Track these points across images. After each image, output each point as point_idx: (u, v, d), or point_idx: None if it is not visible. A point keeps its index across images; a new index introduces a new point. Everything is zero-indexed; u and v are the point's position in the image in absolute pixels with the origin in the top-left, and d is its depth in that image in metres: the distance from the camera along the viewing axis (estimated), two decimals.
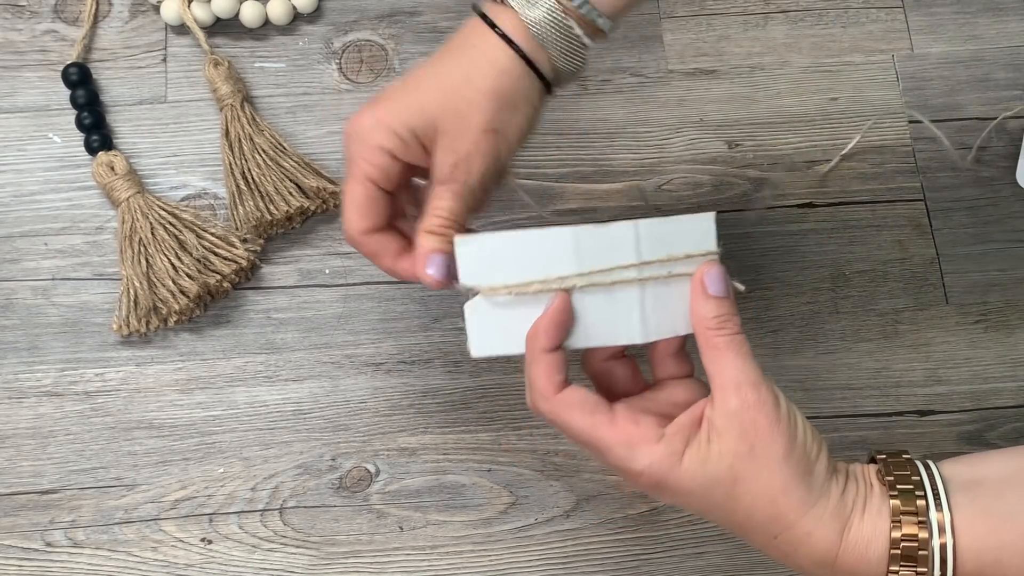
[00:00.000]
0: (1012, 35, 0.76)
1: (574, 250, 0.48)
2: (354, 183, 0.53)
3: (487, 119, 0.52)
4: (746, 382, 0.47)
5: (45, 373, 0.66)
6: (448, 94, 0.52)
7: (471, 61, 0.52)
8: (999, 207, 0.72)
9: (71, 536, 0.63)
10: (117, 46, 0.73)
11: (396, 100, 0.52)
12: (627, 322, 0.49)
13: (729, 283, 0.50)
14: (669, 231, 0.49)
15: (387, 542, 0.64)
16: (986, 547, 0.46)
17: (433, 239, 0.52)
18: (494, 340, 0.50)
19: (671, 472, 0.47)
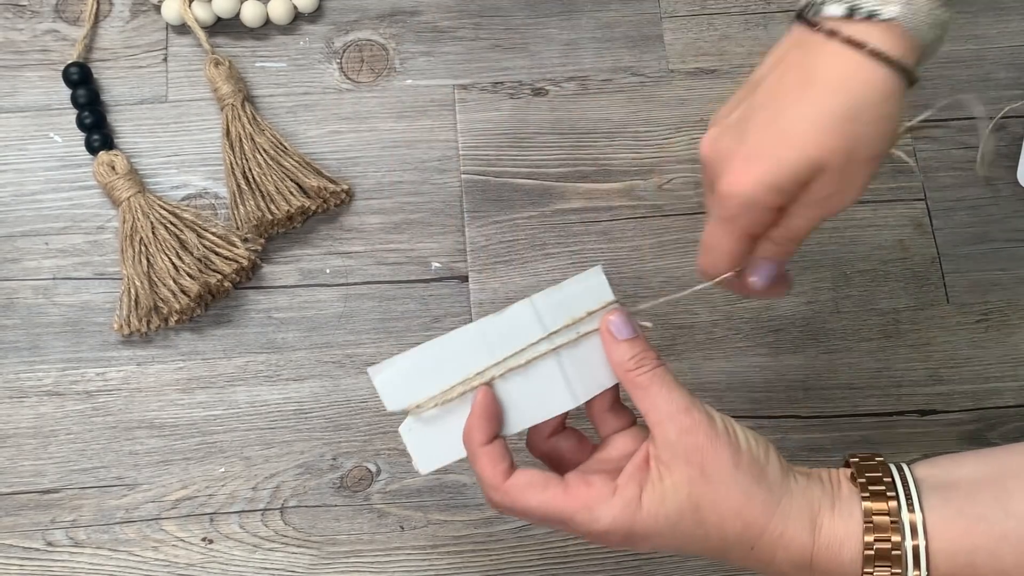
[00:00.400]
0: (1013, 34, 0.76)
1: (483, 343, 0.51)
2: (731, 240, 0.50)
3: (875, 149, 0.48)
4: (677, 410, 0.48)
5: (46, 373, 0.66)
6: (835, 136, 0.47)
7: (853, 93, 0.47)
8: (1000, 207, 0.72)
9: (72, 536, 0.63)
10: (118, 46, 0.73)
11: (776, 155, 0.48)
12: (555, 393, 0.51)
13: (634, 324, 0.51)
14: (564, 296, 0.51)
15: (388, 541, 0.64)
16: (960, 549, 0.46)
17: (772, 249, 0.51)
18: (436, 453, 0.51)
19: (635, 520, 0.47)
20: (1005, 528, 0.45)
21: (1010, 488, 0.46)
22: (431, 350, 0.51)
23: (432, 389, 0.51)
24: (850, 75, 0.47)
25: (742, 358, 0.68)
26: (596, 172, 0.72)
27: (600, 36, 0.75)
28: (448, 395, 0.50)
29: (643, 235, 0.70)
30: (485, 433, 0.49)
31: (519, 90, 0.74)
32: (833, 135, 0.47)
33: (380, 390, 0.51)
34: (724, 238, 0.50)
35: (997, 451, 0.49)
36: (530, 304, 0.51)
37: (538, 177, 0.72)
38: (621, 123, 0.73)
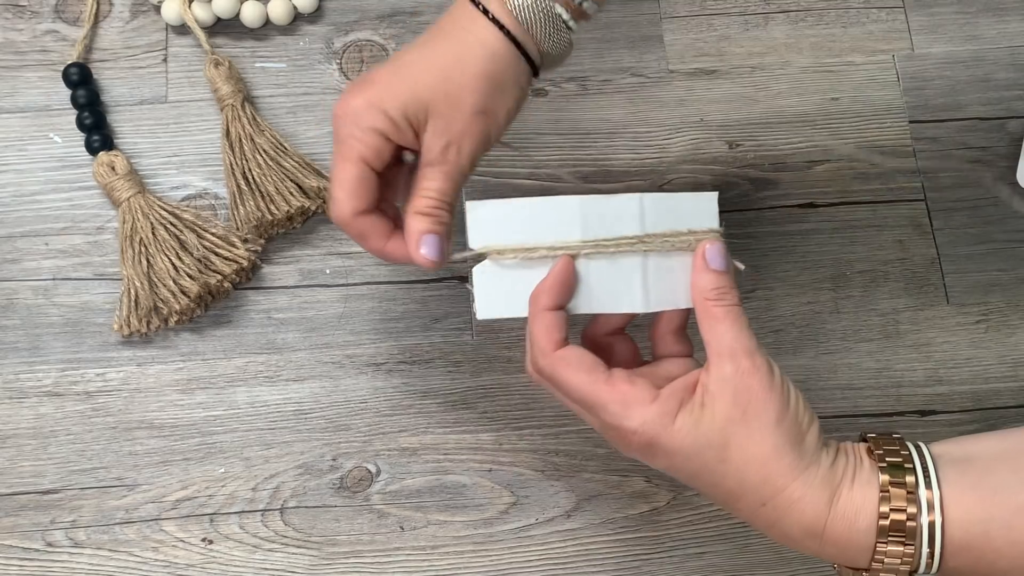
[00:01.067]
0: (1013, 35, 0.76)
1: (581, 218, 0.50)
2: (345, 163, 0.53)
3: (479, 102, 0.52)
4: (741, 350, 0.48)
5: (46, 373, 0.66)
6: (440, 78, 0.52)
7: (462, 44, 0.53)
8: (1000, 207, 0.72)
9: (72, 536, 0.63)
10: (118, 46, 0.73)
11: (388, 83, 0.53)
12: (629, 291, 0.51)
13: (729, 259, 0.51)
14: (673, 206, 0.51)
15: (388, 542, 0.64)
16: (974, 519, 0.46)
17: (424, 220, 0.53)
18: (500, 302, 0.51)
19: (663, 432, 0.48)
20: (1020, 500, 0.46)
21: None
22: (531, 206, 0.51)
23: (519, 241, 0.50)
24: (467, 28, 0.53)
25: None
26: (596, 172, 0.72)
27: (600, 36, 0.75)
28: (532, 252, 0.50)
29: None
30: (554, 299, 0.50)
31: None
32: (439, 76, 0.52)
33: (470, 225, 0.51)
34: (341, 164, 0.53)
35: (1014, 430, 0.49)
36: (639, 200, 0.51)
37: (538, 177, 0.72)
38: (621, 124, 0.73)
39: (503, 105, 0.54)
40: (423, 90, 0.52)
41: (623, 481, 0.65)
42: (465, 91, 0.52)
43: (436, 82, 0.52)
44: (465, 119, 0.52)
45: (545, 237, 0.50)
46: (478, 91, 0.52)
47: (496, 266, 0.51)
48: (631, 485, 0.65)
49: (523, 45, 0.53)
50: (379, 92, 0.52)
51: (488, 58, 0.53)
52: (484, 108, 0.53)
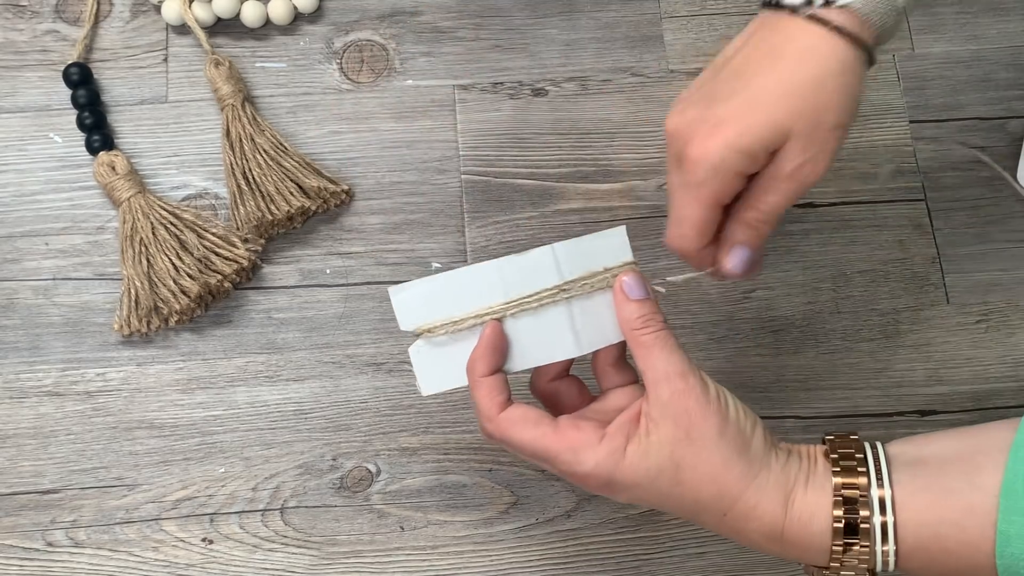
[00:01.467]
0: (1013, 35, 0.76)
1: (500, 281, 0.52)
2: (701, 208, 0.51)
3: (839, 118, 0.50)
4: (674, 372, 0.49)
5: (46, 373, 0.66)
6: (799, 102, 0.50)
7: (816, 64, 0.50)
8: (1000, 207, 0.72)
9: (72, 536, 0.63)
10: (118, 46, 0.73)
11: (745, 122, 0.50)
12: (561, 339, 0.53)
13: (648, 286, 0.52)
14: (585, 249, 0.53)
15: (388, 542, 0.64)
16: (926, 521, 0.47)
17: (747, 232, 0.52)
18: (440, 377, 0.53)
19: (616, 468, 0.49)
20: (971, 500, 0.46)
21: (979, 463, 0.47)
22: (450, 280, 0.52)
23: (446, 316, 0.52)
24: (814, 46, 0.50)
25: (742, 358, 0.68)
26: (596, 172, 0.72)
27: (600, 36, 0.75)
28: (459, 324, 0.52)
29: (643, 235, 0.70)
30: (488, 365, 0.51)
31: (519, 90, 0.74)
32: (799, 101, 0.50)
33: (397, 309, 0.52)
34: (693, 206, 0.52)
35: (970, 429, 0.50)
36: (551, 251, 0.52)
37: (538, 177, 0.72)
38: (621, 123, 0.73)
39: (855, 112, 0.51)
40: (784, 118, 0.50)
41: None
42: (828, 110, 0.50)
43: (797, 107, 0.50)
44: (823, 136, 0.50)
45: (470, 306, 0.52)
46: (839, 108, 0.50)
47: (429, 344, 0.52)
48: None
49: (867, 45, 0.51)
50: (738, 132, 0.50)
51: (843, 71, 0.50)
52: (843, 122, 0.51)
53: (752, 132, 0.50)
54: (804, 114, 0.50)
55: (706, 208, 0.51)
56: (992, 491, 0.46)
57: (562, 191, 0.71)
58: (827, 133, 0.50)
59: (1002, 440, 0.47)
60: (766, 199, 0.51)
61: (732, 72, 0.52)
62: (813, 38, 0.50)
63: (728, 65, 0.52)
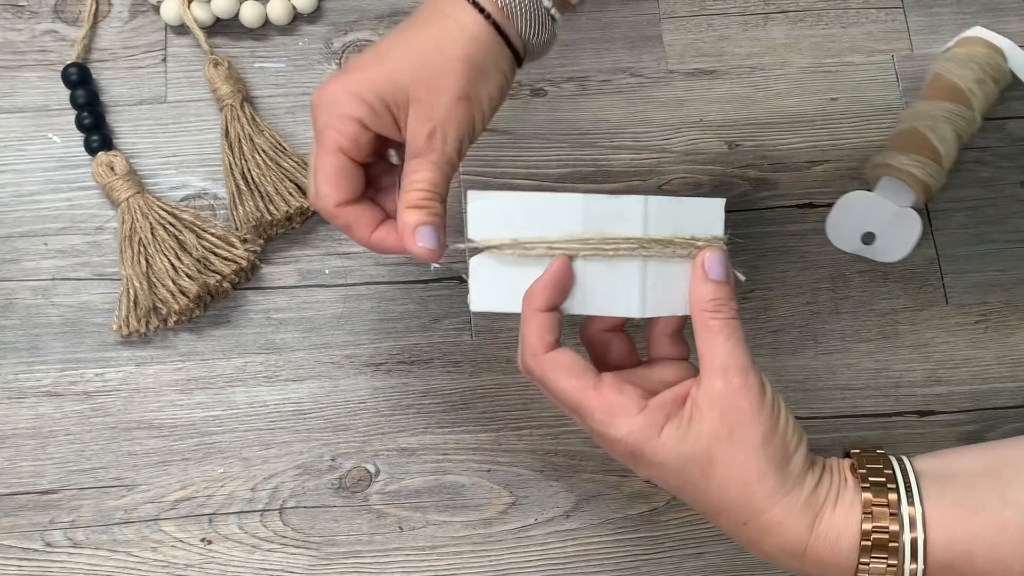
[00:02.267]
0: (1012, 35, 0.76)
1: (583, 216, 0.49)
2: (324, 154, 0.52)
3: (460, 86, 0.51)
4: (734, 366, 0.47)
5: (45, 373, 0.66)
6: (419, 62, 0.51)
7: (441, 29, 0.52)
8: (999, 207, 0.72)
9: (71, 536, 0.63)
10: (117, 46, 0.73)
11: (365, 69, 0.52)
12: (626, 295, 0.50)
13: (730, 269, 0.50)
14: (678, 211, 0.50)
15: (387, 542, 0.64)
16: (957, 539, 0.46)
17: (417, 213, 0.52)
18: (494, 296, 0.51)
19: (648, 443, 0.47)
20: (1003, 517, 0.45)
21: (1008, 478, 0.46)
22: (533, 200, 0.50)
23: (518, 236, 0.50)
24: (447, 13, 0.52)
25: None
26: (595, 173, 0.72)
27: (599, 37, 0.75)
28: (529, 249, 0.50)
29: None
30: (547, 300, 0.49)
31: (518, 91, 0.74)
32: (418, 61, 0.51)
33: (471, 215, 0.50)
34: (320, 154, 0.52)
35: (997, 443, 0.49)
36: (643, 202, 0.49)
37: (537, 178, 0.72)
38: (620, 124, 0.73)
39: (485, 90, 0.52)
40: (401, 74, 0.51)
41: (622, 481, 0.65)
42: (445, 75, 0.51)
43: (415, 66, 0.51)
44: (447, 104, 0.51)
45: (545, 233, 0.49)
46: (458, 74, 0.51)
47: (493, 260, 0.50)
48: (630, 485, 0.65)
49: (504, 31, 0.52)
50: (356, 78, 0.51)
51: (468, 41, 0.51)
52: (466, 93, 0.51)
53: (370, 81, 0.51)
54: (424, 77, 0.51)
55: (330, 154, 0.52)
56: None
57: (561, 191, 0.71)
58: (451, 102, 0.51)
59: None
60: (416, 176, 0.52)
61: (383, 37, 0.54)
62: (449, 6, 0.52)
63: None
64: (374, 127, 0.52)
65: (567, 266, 0.49)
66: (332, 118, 0.51)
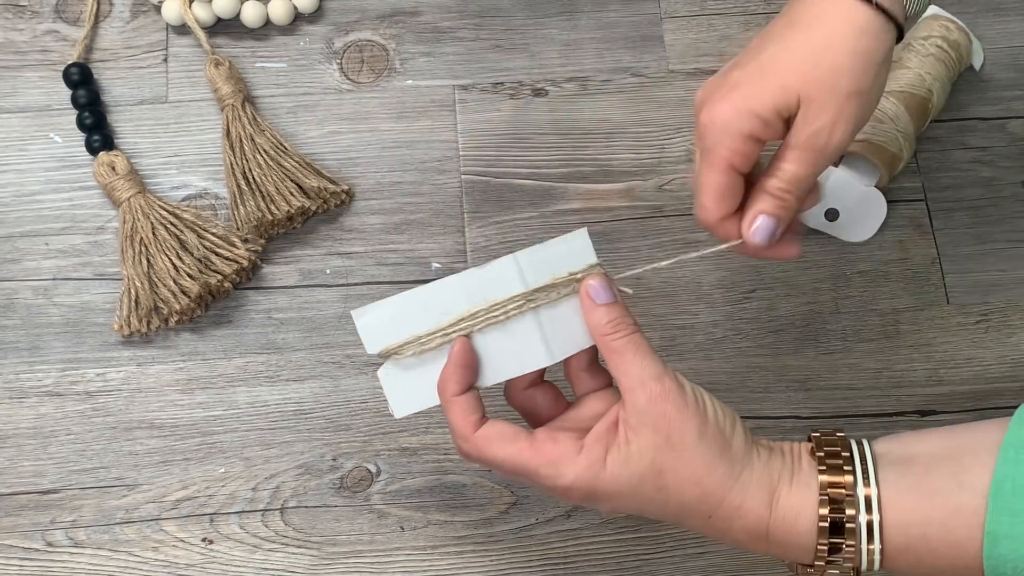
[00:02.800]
0: (1013, 35, 0.76)
1: (464, 294, 0.51)
2: (714, 173, 0.51)
3: (854, 83, 0.50)
4: (649, 376, 0.48)
5: (46, 373, 0.66)
6: (810, 63, 0.50)
7: (826, 27, 0.50)
8: (1000, 207, 0.72)
9: (72, 536, 0.63)
10: (118, 46, 0.73)
11: (755, 83, 0.50)
12: (532, 349, 0.52)
13: (614, 290, 0.51)
14: (548, 255, 0.51)
15: (388, 542, 0.64)
16: (912, 521, 0.47)
17: (769, 201, 0.51)
18: (412, 398, 0.52)
19: (597, 480, 0.48)
20: (959, 501, 0.46)
21: (966, 464, 0.47)
22: (413, 298, 0.51)
23: (412, 336, 0.51)
24: (827, 11, 0.50)
25: (742, 359, 0.68)
26: (596, 173, 0.72)
27: (600, 37, 0.75)
28: (426, 343, 0.51)
29: (643, 236, 0.70)
30: (459, 384, 0.50)
31: (519, 91, 0.74)
32: (810, 64, 0.49)
33: (362, 332, 0.51)
34: (708, 173, 0.51)
35: (957, 428, 0.50)
36: (513, 260, 0.51)
37: (538, 178, 0.72)
38: (621, 124, 0.73)
39: (877, 81, 0.51)
40: (794, 81, 0.50)
41: None
42: (839, 73, 0.49)
43: (807, 69, 0.49)
44: (839, 102, 0.50)
45: (436, 323, 0.51)
46: (853, 71, 0.49)
47: (397, 367, 0.52)
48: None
49: (890, 11, 0.50)
50: (747, 95, 0.50)
51: (858, 34, 0.49)
52: (859, 88, 0.50)
53: (761, 95, 0.50)
54: (815, 78, 0.49)
55: (720, 173, 0.51)
56: (980, 492, 0.46)
57: (562, 191, 0.71)
58: (843, 99, 0.49)
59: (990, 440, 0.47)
60: (785, 167, 0.51)
61: (755, 43, 0.52)
62: (827, 4, 0.50)
63: (753, 40, 0.53)
64: (766, 137, 0.51)
65: (467, 345, 0.51)
66: (724, 137, 0.50)
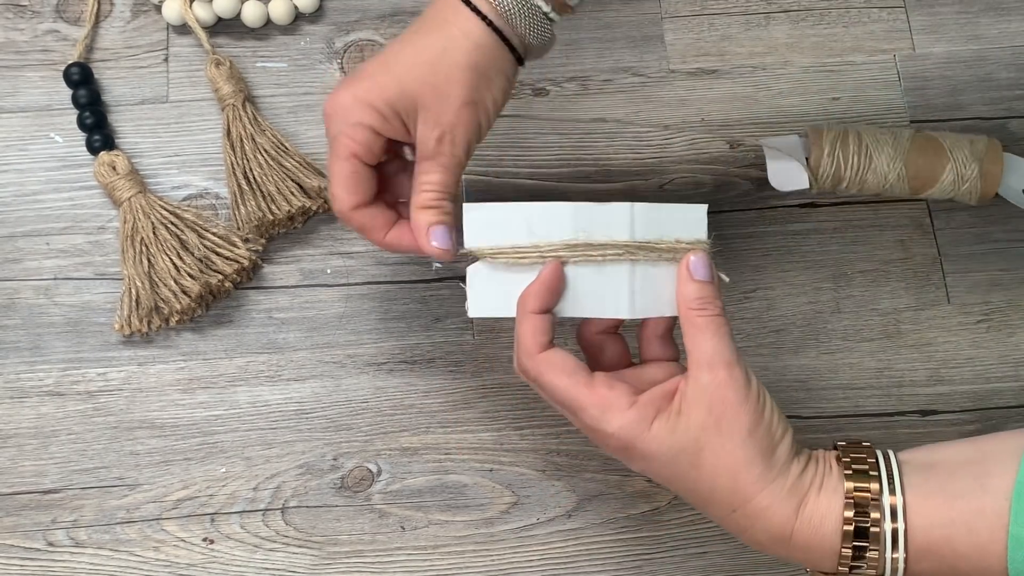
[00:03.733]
0: (1014, 35, 0.76)
1: (572, 224, 0.52)
2: (338, 160, 0.55)
3: (467, 93, 0.54)
4: (720, 361, 0.49)
5: (47, 373, 0.66)
6: (426, 69, 0.53)
7: (447, 36, 0.54)
8: (1001, 207, 0.72)
9: (73, 536, 0.63)
10: (119, 46, 0.73)
11: (374, 77, 0.54)
12: (616, 297, 0.52)
13: (714, 271, 0.52)
14: (663, 216, 0.52)
15: (389, 542, 0.64)
16: (936, 523, 0.47)
17: (429, 213, 0.55)
18: (491, 302, 0.53)
19: (639, 437, 0.49)
20: (982, 503, 0.47)
21: (989, 468, 0.47)
22: (526, 210, 0.52)
23: (512, 244, 0.52)
24: (449, 20, 0.54)
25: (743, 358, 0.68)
26: (597, 172, 0.72)
27: (601, 36, 0.75)
28: (523, 256, 0.52)
29: None
30: (540, 303, 0.51)
31: (520, 90, 0.74)
32: (425, 69, 0.53)
33: (466, 225, 0.53)
34: (335, 160, 0.55)
35: (981, 437, 0.50)
36: (629, 208, 0.52)
37: (539, 177, 0.72)
38: (622, 123, 0.73)
39: (490, 95, 0.55)
40: (410, 83, 0.53)
41: (624, 481, 0.65)
42: (452, 82, 0.53)
43: (423, 74, 0.53)
44: (454, 110, 0.54)
45: (537, 241, 0.52)
46: (465, 82, 0.53)
47: (489, 267, 0.53)
48: (632, 485, 0.65)
49: (505, 35, 0.54)
50: (366, 87, 0.54)
51: (472, 49, 0.54)
52: (472, 99, 0.54)
53: (379, 89, 0.53)
54: (429, 83, 0.53)
55: (344, 160, 0.54)
56: (1003, 494, 0.46)
57: (563, 191, 0.71)
58: (457, 108, 0.53)
59: (1014, 446, 0.47)
60: (427, 179, 0.54)
61: (394, 40, 0.56)
62: (452, 14, 0.54)
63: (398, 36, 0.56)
64: (385, 132, 0.54)
65: (559, 270, 0.52)
66: (344, 126, 0.54)
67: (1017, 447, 0.47)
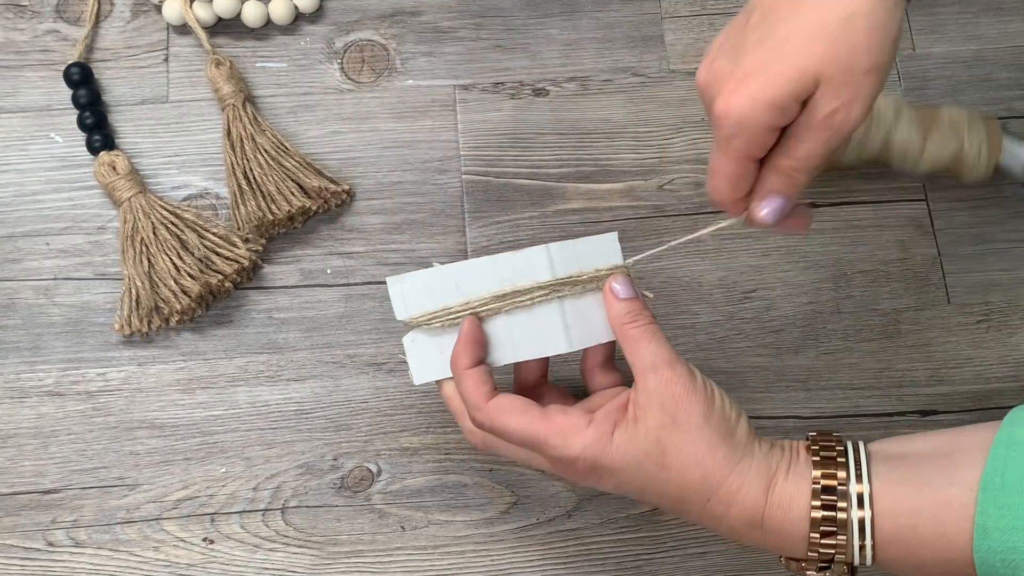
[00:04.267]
0: (1014, 35, 0.76)
1: (494, 276, 0.54)
2: (729, 161, 0.50)
3: (871, 59, 0.47)
4: (661, 361, 0.51)
5: (47, 373, 0.66)
6: (827, 42, 0.46)
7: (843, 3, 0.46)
8: (1001, 207, 0.72)
9: (73, 536, 0.63)
10: (119, 46, 0.73)
11: (771, 71, 0.47)
12: (552, 334, 0.55)
13: (636, 288, 0.54)
14: (579, 250, 0.55)
15: (389, 542, 0.64)
16: (902, 511, 0.48)
17: (780, 180, 0.50)
18: (433, 367, 0.56)
19: (603, 452, 0.50)
20: (948, 494, 0.47)
21: (957, 460, 0.48)
22: (446, 273, 0.54)
23: (440, 308, 0.54)
24: None
25: (743, 358, 0.68)
26: (597, 172, 0.72)
27: (601, 36, 0.75)
28: (456, 316, 0.54)
29: (644, 235, 0.70)
30: (470, 357, 0.53)
31: (520, 90, 0.74)
32: (827, 43, 0.46)
33: (393, 298, 0.55)
34: (723, 161, 0.50)
35: (951, 430, 0.51)
36: (545, 250, 0.54)
37: (539, 177, 0.72)
38: (622, 123, 0.73)
39: (893, 52, 0.48)
40: (812, 65, 0.46)
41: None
42: (859, 51, 0.46)
43: (823, 49, 0.46)
44: (857, 80, 0.47)
45: (467, 299, 0.54)
46: (871, 48, 0.46)
47: (424, 334, 0.55)
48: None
49: None
50: (764, 84, 0.47)
51: (875, 8, 0.46)
52: (877, 64, 0.47)
53: (778, 83, 0.47)
54: (833, 58, 0.46)
55: (735, 163, 0.50)
56: (969, 485, 0.46)
57: (563, 191, 0.71)
58: (861, 77, 0.47)
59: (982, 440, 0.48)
60: (799, 147, 0.49)
61: (760, 17, 0.48)
62: None
63: (754, 13, 0.49)
64: (785, 124, 0.49)
65: (476, 324, 0.54)
66: (742, 130, 0.48)
67: (985, 440, 0.47)
